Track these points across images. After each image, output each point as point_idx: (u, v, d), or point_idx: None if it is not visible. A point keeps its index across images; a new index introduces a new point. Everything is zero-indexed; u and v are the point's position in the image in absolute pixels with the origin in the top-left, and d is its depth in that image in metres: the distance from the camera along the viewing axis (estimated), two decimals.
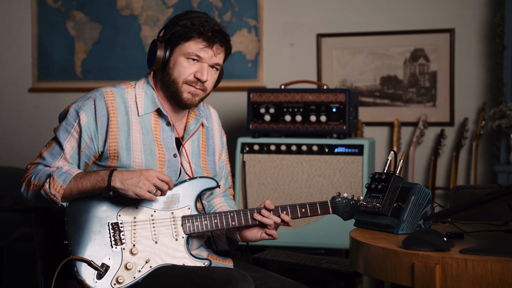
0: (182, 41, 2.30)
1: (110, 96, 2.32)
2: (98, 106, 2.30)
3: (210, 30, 2.30)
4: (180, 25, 2.31)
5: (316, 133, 3.65)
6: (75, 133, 2.29)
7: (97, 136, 2.29)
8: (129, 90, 2.36)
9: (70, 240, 2.23)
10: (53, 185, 2.22)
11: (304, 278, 3.14)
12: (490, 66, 4.04)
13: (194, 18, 2.31)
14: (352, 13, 4.26)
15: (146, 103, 2.35)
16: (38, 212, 2.37)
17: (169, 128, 2.37)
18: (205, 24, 2.30)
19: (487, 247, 1.89)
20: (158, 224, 2.28)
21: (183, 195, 2.32)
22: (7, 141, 4.87)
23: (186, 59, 2.31)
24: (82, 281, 2.20)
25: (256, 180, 3.63)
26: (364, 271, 2.04)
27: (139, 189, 2.19)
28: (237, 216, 2.34)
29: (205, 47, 2.31)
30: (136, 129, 2.32)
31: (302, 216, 2.39)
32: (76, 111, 2.31)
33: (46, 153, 2.31)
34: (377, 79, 4.22)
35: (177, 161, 2.37)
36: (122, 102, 2.33)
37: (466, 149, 4.08)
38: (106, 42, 4.66)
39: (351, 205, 2.44)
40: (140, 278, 2.24)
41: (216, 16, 4.44)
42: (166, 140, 2.36)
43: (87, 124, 2.29)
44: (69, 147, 2.29)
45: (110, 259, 2.23)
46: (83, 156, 2.29)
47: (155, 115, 2.36)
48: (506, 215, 2.31)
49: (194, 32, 2.29)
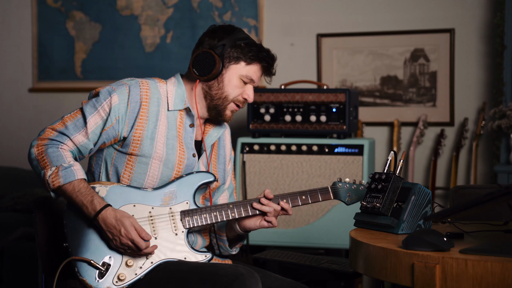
0: (243, 62, 2.36)
1: (145, 85, 2.35)
2: (132, 92, 2.32)
3: (269, 59, 2.39)
4: (238, 45, 2.35)
5: (316, 133, 3.65)
6: (102, 111, 2.29)
7: (124, 119, 2.30)
8: (161, 85, 2.39)
9: (70, 242, 2.24)
10: (53, 177, 2.23)
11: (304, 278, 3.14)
12: (490, 66, 4.04)
13: (248, 40, 2.37)
14: (352, 13, 4.26)
15: (176, 100, 2.38)
16: (39, 212, 2.38)
17: (191, 130, 2.40)
18: (263, 49, 2.38)
19: (487, 247, 1.89)
20: (157, 220, 2.29)
21: (181, 191, 2.33)
22: (7, 141, 4.87)
23: (240, 80, 2.37)
24: (83, 281, 2.21)
25: (256, 180, 3.64)
26: (364, 271, 2.04)
27: (111, 243, 2.23)
28: (236, 208, 2.35)
29: (261, 73, 2.40)
30: (163, 122, 2.34)
31: (303, 203, 2.39)
32: (109, 92, 2.32)
33: (69, 122, 2.30)
34: (377, 79, 4.22)
35: (195, 161, 2.39)
36: (156, 94, 2.35)
37: (466, 149, 4.08)
38: (106, 42, 4.66)
39: (353, 190, 2.42)
40: (142, 275, 2.24)
41: (216, 16, 4.44)
42: (186, 140, 2.39)
43: (117, 105, 2.30)
44: (92, 123, 2.29)
45: (110, 258, 2.23)
46: (104, 135, 2.30)
47: (182, 113, 2.39)
48: (506, 215, 2.31)
49: (256, 58, 2.36)
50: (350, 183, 2.43)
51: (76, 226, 2.25)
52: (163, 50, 4.54)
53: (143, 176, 2.33)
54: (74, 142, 2.28)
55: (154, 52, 4.56)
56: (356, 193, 2.43)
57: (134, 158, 2.32)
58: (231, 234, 2.48)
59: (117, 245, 2.22)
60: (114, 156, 2.34)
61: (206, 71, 2.35)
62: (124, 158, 2.33)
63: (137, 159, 2.32)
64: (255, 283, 2.13)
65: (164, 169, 2.34)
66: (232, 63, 2.36)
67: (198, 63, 2.35)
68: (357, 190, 2.43)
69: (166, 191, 2.32)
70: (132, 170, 2.32)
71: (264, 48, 2.39)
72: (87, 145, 2.30)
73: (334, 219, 3.54)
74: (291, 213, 2.40)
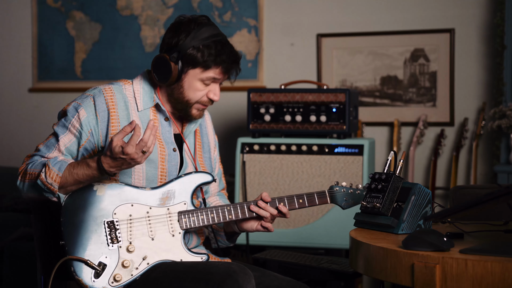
0: (200, 67, 2.30)
1: (109, 92, 2.33)
2: (97, 102, 2.31)
3: (229, 61, 2.31)
4: (195, 48, 2.28)
5: (316, 133, 3.65)
6: (73, 128, 2.30)
7: (97, 131, 2.30)
8: (126, 87, 2.37)
9: (67, 240, 2.24)
10: (49, 174, 2.23)
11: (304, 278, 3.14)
12: (490, 66, 4.04)
13: (208, 40, 2.29)
14: (352, 13, 4.26)
15: (145, 99, 2.37)
16: (37, 212, 2.37)
17: (167, 123, 2.39)
18: (222, 52, 2.29)
19: (487, 247, 1.89)
20: (154, 221, 2.29)
21: (179, 191, 2.33)
22: (7, 141, 4.87)
23: (201, 82, 2.33)
24: (79, 281, 2.21)
25: (256, 180, 3.63)
26: (364, 271, 2.04)
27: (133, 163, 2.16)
28: (234, 210, 2.35)
29: (222, 74, 2.33)
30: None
31: (300, 206, 2.39)
32: (75, 108, 2.32)
33: (42, 145, 2.33)
34: (377, 79, 4.22)
35: (177, 156, 2.38)
36: (121, 98, 2.34)
37: (466, 149, 4.08)
38: (106, 42, 4.66)
39: (349, 194, 2.44)
40: (138, 275, 2.24)
41: (216, 16, 4.44)
42: (165, 135, 2.38)
43: (86, 119, 2.30)
44: (65, 140, 2.30)
45: (107, 258, 2.23)
46: (82, 150, 2.30)
47: (154, 110, 2.38)
48: (506, 215, 2.31)
49: (213, 63, 2.30)
50: (347, 187, 2.44)
51: (74, 225, 2.24)
52: None
53: (128, 179, 2.32)
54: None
55: (154, 52, 4.55)
56: (353, 197, 2.44)
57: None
58: (228, 229, 2.48)
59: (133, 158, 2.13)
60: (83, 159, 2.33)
61: (164, 78, 2.31)
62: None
63: None
64: (247, 279, 2.13)
65: (148, 168, 2.33)
66: (190, 68, 2.31)
67: (157, 68, 2.32)
68: (353, 194, 2.44)
69: (164, 191, 2.32)
70: (117, 175, 2.31)
71: (226, 49, 2.30)
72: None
73: (334, 219, 3.54)
74: (288, 216, 2.40)
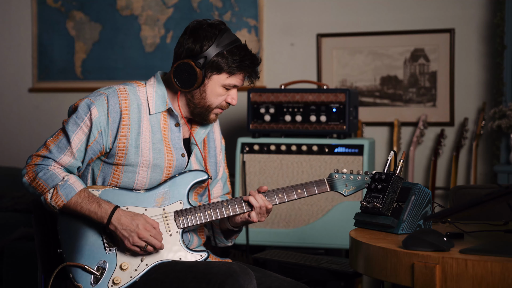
0: (225, 73, 2.31)
1: (123, 93, 2.31)
2: (111, 103, 2.28)
3: (252, 66, 2.32)
4: (220, 54, 2.29)
5: (316, 133, 3.65)
6: (85, 127, 2.27)
7: (107, 131, 2.28)
8: (140, 89, 2.35)
9: (64, 248, 2.24)
10: (55, 198, 2.23)
11: (304, 278, 3.14)
12: (490, 66, 4.04)
13: (231, 45, 2.30)
14: (352, 13, 4.26)
15: (157, 102, 2.35)
16: (38, 212, 2.37)
17: (177, 129, 2.37)
18: (245, 57, 2.31)
19: (487, 247, 1.89)
20: None
21: (174, 191, 2.32)
22: (7, 141, 4.87)
23: (223, 88, 2.33)
24: (79, 287, 2.21)
25: (256, 180, 3.64)
26: (364, 271, 2.04)
27: (127, 242, 2.22)
28: (231, 205, 2.34)
29: (244, 78, 2.35)
30: (146, 128, 2.32)
31: (299, 197, 2.35)
32: (88, 105, 2.28)
33: (52, 145, 2.28)
34: (377, 79, 4.22)
35: (185, 161, 2.37)
36: (135, 100, 2.32)
37: (466, 149, 4.08)
38: (106, 42, 4.66)
39: (350, 180, 2.36)
40: (138, 277, 2.24)
41: (216, 16, 4.44)
42: (174, 140, 2.36)
43: (98, 119, 2.27)
44: (76, 141, 2.27)
45: (105, 262, 2.23)
46: (89, 151, 2.29)
47: (165, 114, 2.36)
48: (506, 215, 2.31)
49: (237, 69, 2.30)
50: (347, 173, 2.37)
51: (70, 232, 2.25)
52: (163, 50, 4.54)
53: (131, 184, 2.32)
54: (61, 164, 2.28)
55: (154, 52, 4.56)
56: (354, 183, 2.36)
57: (121, 167, 2.30)
58: (223, 227, 2.47)
59: (133, 242, 2.21)
60: (100, 167, 2.33)
61: (188, 84, 2.30)
62: (111, 169, 2.31)
63: (124, 168, 2.30)
64: (249, 280, 2.12)
65: (152, 174, 2.32)
66: (214, 74, 2.31)
67: (179, 74, 2.30)
68: (354, 180, 2.36)
69: (159, 192, 2.31)
70: (120, 179, 2.31)
71: (248, 55, 2.32)
72: (74, 164, 2.29)
73: (334, 219, 3.54)
74: (270, 207, 2.33)
